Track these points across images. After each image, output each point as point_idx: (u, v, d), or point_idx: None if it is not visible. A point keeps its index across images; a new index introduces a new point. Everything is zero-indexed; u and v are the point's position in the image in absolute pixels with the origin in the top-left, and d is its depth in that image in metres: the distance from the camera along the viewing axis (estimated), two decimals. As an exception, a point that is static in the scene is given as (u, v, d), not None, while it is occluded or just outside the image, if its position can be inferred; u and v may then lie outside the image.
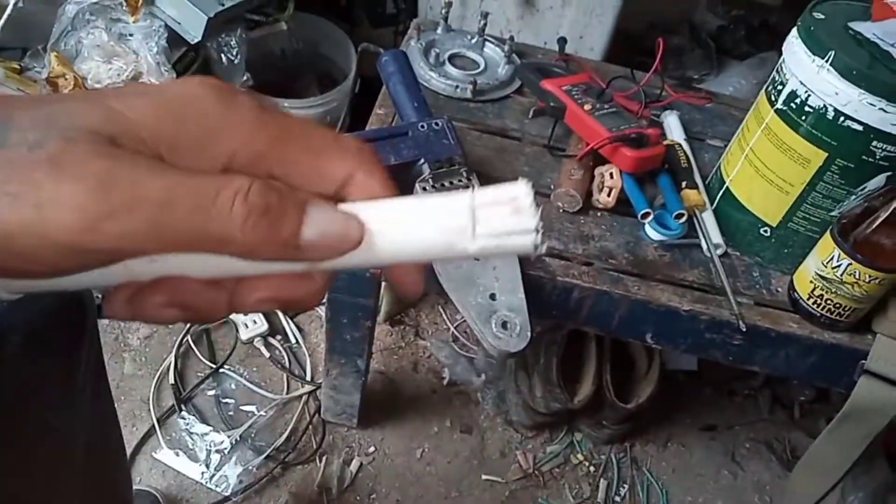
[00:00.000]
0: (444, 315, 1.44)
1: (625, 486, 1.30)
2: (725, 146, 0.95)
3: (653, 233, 0.88)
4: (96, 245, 0.21)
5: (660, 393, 1.23)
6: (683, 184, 0.90)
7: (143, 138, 0.23)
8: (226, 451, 1.17)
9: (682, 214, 0.84)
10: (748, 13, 1.94)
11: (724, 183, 0.89)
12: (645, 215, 0.84)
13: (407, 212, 0.25)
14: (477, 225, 0.24)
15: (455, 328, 1.42)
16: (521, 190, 0.25)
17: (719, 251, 0.86)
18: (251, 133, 0.24)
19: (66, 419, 0.59)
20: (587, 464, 1.31)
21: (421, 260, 0.26)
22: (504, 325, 0.75)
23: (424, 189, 0.81)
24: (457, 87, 1.06)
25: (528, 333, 0.75)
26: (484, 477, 1.25)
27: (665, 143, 0.92)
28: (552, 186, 0.93)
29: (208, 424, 1.20)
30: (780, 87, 0.79)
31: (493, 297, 0.77)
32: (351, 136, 0.27)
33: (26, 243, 0.21)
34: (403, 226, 0.25)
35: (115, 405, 0.67)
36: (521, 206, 0.24)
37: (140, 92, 0.24)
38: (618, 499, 1.28)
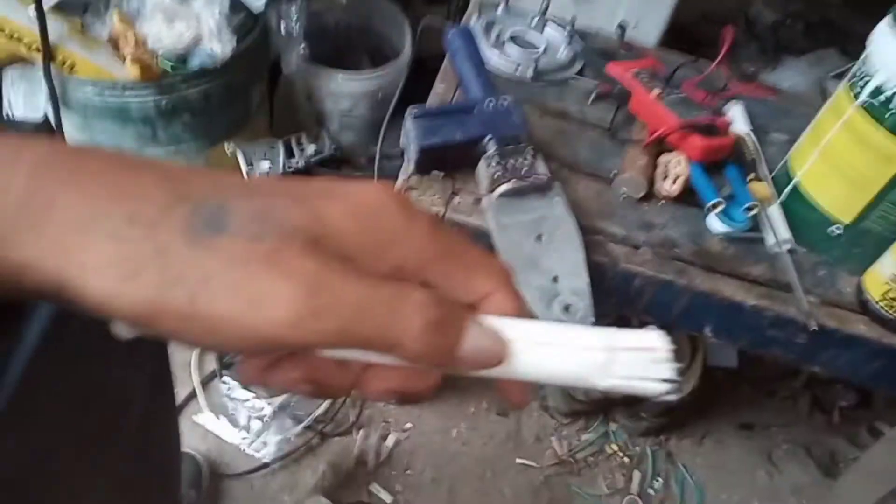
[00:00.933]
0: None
1: (659, 479, 1.29)
2: (789, 140, 0.92)
3: (717, 225, 0.86)
4: (292, 340, 0.22)
5: (699, 388, 1.22)
6: (750, 176, 0.88)
7: (339, 242, 0.24)
8: (266, 419, 1.18)
9: (753, 207, 0.82)
10: (806, 8, 1.89)
11: (793, 178, 0.87)
12: (715, 205, 0.83)
13: (548, 339, 0.27)
14: (614, 365, 0.26)
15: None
16: (661, 342, 0.26)
17: (787, 247, 0.84)
18: (424, 245, 0.26)
19: (127, 388, 0.60)
20: (621, 454, 1.30)
21: (548, 382, 0.28)
22: (566, 308, 0.74)
23: (489, 165, 0.80)
24: (517, 67, 1.04)
25: (591, 318, 0.74)
26: (518, 460, 1.25)
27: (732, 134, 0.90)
28: (613, 173, 0.91)
29: (249, 391, 1.21)
30: (863, 82, 0.76)
31: (555, 279, 0.76)
32: (496, 257, 0.29)
33: (232, 332, 0.22)
34: (544, 352, 0.26)
35: None
36: (660, 357, 0.26)
37: (331, 194, 0.25)
38: (651, 491, 1.27)
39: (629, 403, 1.28)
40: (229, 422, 1.17)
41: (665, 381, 0.26)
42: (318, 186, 0.26)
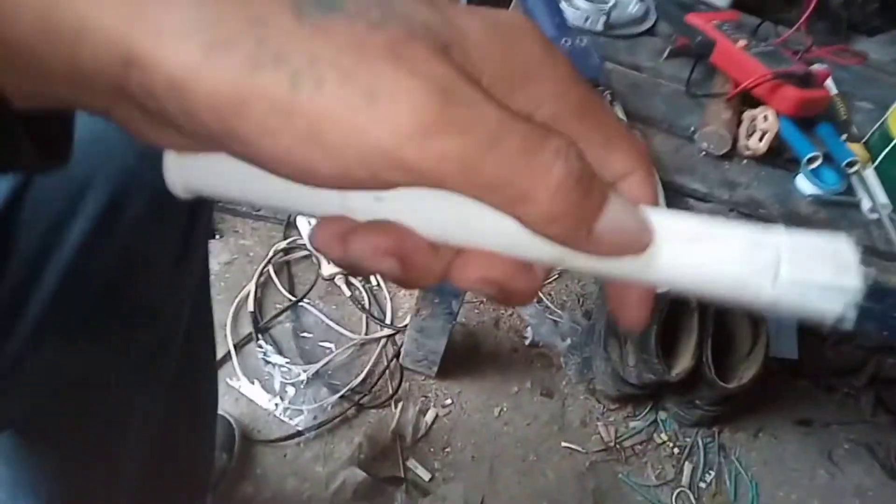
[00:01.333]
0: (528, 275, 1.37)
1: (711, 472, 1.21)
2: (876, 109, 0.85)
3: (807, 186, 0.79)
4: (412, 158, 0.18)
5: (757, 379, 1.14)
6: (843, 137, 0.81)
7: (472, 56, 0.19)
8: (301, 386, 1.13)
9: (854, 163, 0.75)
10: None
11: (892, 140, 0.80)
12: (811, 160, 0.75)
13: (706, 232, 0.21)
14: (786, 266, 0.20)
15: (540, 290, 1.35)
16: (846, 244, 0.21)
17: (886, 211, 0.76)
18: (565, 90, 0.21)
19: (171, 305, 0.55)
20: (671, 445, 1.23)
21: (695, 292, 0.22)
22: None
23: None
24: (587, 18, 0.97)
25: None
26: (563, 444, 1.18)
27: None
28: (692, 129, 0.84)
29: (284, 356, 1.16)
30: None
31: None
32: (635, 134, 0.23)
33: (337, 137, 0.17)
34: (698, 246, 0.21)
35: None
36: (844, 262, 0.20)
37: (468, 10, 0.20)
38: (703, 485, 1.20)
39: (682, 391, 1.20)
40: (263, 387, 1.12)
41: (848, 292, 0.20)
42: (449, 1, 0.20)
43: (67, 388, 0.50)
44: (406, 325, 1.15)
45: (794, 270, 0.20)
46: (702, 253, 0.21)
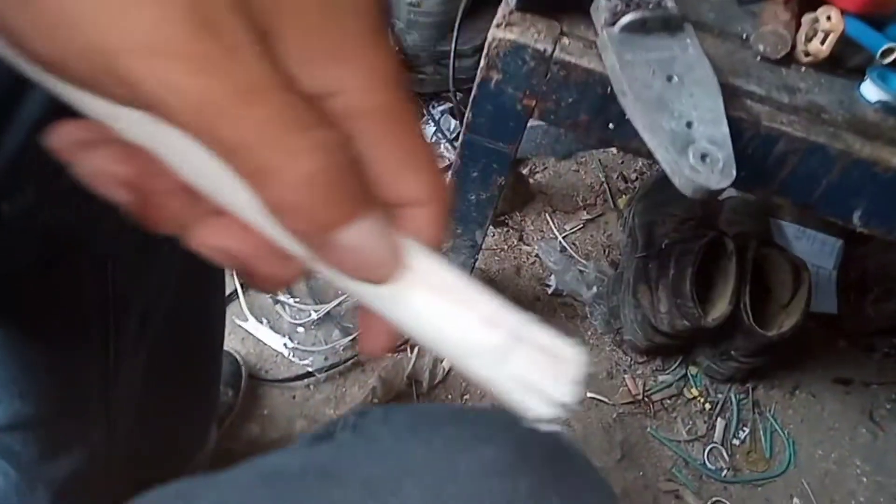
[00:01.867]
0: (551, 223, 1.30)
1: (745, 429, 1.14)
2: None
3: (874, 92, 0.71)
4: (132, 75, 0.15)
5: (796, 332, 1.07)
6: (914, 42, 0.73)
7: (272, 11, 0.17)
8: (311, 326, 1.07)
9: (934, 58, 0.68)
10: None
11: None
12: (886, 52, 0.68)
13: (451, 291, 0.21)
14: (510, 356, 0.21)
15: (563, 238, 1.28)
16: (576, 356, 0.21)
17: (965, 116, 0.69)
18: (375, 88, 0.19)
19: None
20: (702, 400, 1.16)
21: (425, 343, 0.22)
22: (703, 157, 0.61)
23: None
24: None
25: (733, 172, 0.61)
26: (590, 394, 1.11)
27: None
28: (744, 35, 0.77)
29: (294, 295, 1.10)
30: None
31: (689, 125, 0.63)
32: (442, 170, 0.19)
33: (56, 17, 0.15)
34: (439, 302, 0.21)
35: None
36: (565, 371, 0.21)
37: None
38: (736, 442, 1.13)
39: (716, 341, 1.13)
40: (271, 327, 1.06)
41: (556, 405, 0.20)
42: None
43: (59, 253, 0.43)
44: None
45: (515, 365, 0.21)
46: (440, 311, 0.21)
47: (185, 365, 0.65)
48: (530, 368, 0.21)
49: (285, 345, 1.04)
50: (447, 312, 0.21)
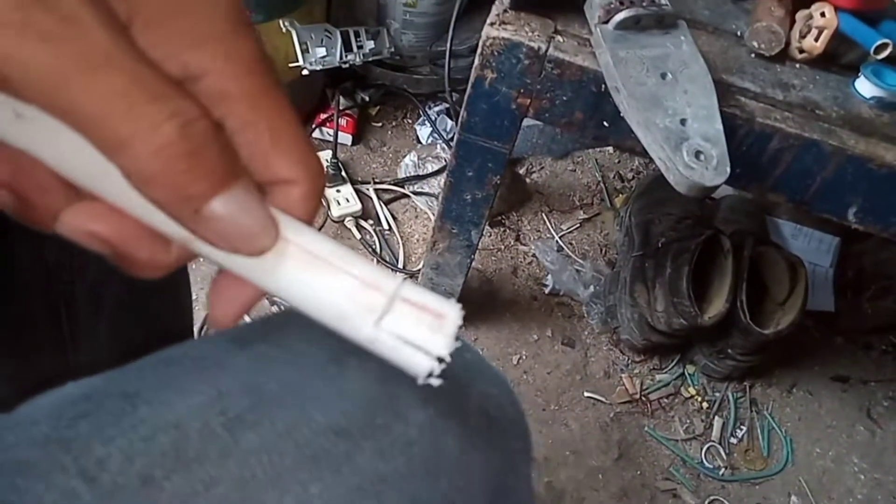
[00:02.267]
0: (548, 223, 1.30)
1: (742, 427, 1.14)
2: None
3: (868, 88, 0.72)
4: None
5: (793, 329, 1.07)
6: (908, 39, 0.74)
7: (133, 4, 0.18)
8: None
9: (927, 53, 0.68)
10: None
11: (962, 40, 0.72)
12: (880, 48, 0.68)
13: (326, 256, 0.22)
14: (388, 316, 0.21)
15: (560, 238, 1.28)
16: (452, 311, 0.22)
17: (959, 112, 0.69)
18: (240, 71, 0.20)
19: None
20: (699, 399, 1.16)
21: (303, 311, 0.22)
22: (697, 154, 0.61)
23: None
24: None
25: (728, 169, 0.61)
26: (587, 394, 1.11)
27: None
28: (738, 33, 0.77)
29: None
30: None
31: (683, 122, 0.62)
32: (316, 151, 0.22)
33: None
34: (315, 267, 0.22)
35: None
36: (442, 326, 0.21)
37: None
38: (734, 440, 1.13)
39: (713, 339, 1.13)
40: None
41: (433, 356, 0.21)
42: None
43: None
44: (419, 270, 1.08)
45: (394, 322, 0.21)
46: (320, 276, 0.21)
47: (152, 348, 0.64)
48: (408, 326, 0.21)
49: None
50: (325, 278, 0.21)
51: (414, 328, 0.21)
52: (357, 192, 1.23)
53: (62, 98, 0.16)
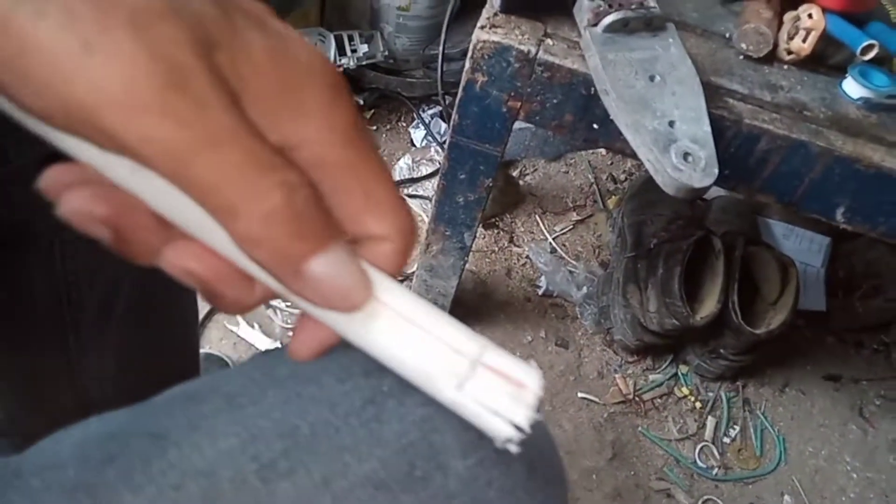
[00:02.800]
0: (541, 225, 1.31)
1: (735, 427, 1.15)
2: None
3: (855, 89, 0.72)
4: (109, 127, 0.17)
5: (785, 329, 1.07)
6: None
7: (239, 68, 0.19)
8: (302, 330, 1.07)
9: (912, 55, 0.69)
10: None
11: (947, 42, 0.73)
12: (867, 49, 0.69)
13: (416, 318, 0.23)
14: (471, 381, 0.22)
15: (553, 239, 1.29)
16: (534, 380, 0.23)
17: (945, 112, 0.70)
18: (335, 140, 0.21)
19: None
20: (692, 399, 1.16)
21: (390, 366, 0.23)
22: (685, 156, 0.61)
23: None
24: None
25: (716, 170, 0.61)
26: (580, 394, 1.11)
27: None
28: (726, 35, 0.78)
29: (285, 300, 1.10)
30: None
31: (671, 124, 0.63)
32: (409, 208, 0.23)
33: (41, 73, 0.17)
34: (405, 328, 0.23)
35: None
36: (523, 396, 0.22)
37: (263, 28, 0.20)
38: (727, 440, 1.13)
39: (705, 339, 1.14)
40: (263, 331, 1.06)
41: (514, 425, 0.22)
42: (257, 6, 0.21)
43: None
44: (413, 272, 1.09)
45: (476, 389, 0.22)
46: (407, 338, 0.22)
47: (157, 360, 0.65)
48: (489, 393, 0.22)
49: (277, 349, 1.04)
50: (412, 340, 0.22)
51: (495, 396, 0.22)
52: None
53: (186, 171, 0.18)
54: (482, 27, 0.70)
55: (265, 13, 0.21)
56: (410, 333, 0.22)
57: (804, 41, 0.74)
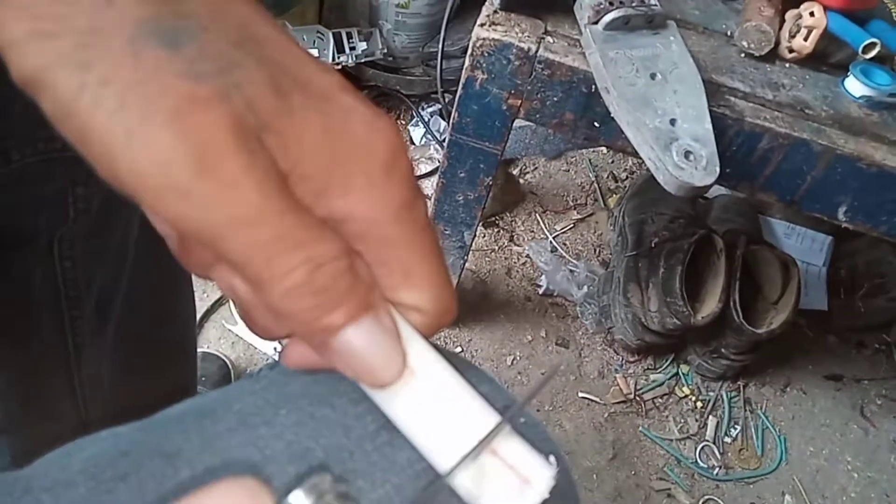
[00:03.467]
0: (541, 223, 1.30)
1: (736, 427, 1.14)
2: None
3: (857, 87, 0.72)
4: (151, 206, 0.19)
5: (786, 328, 1.07)
6: (896, 38, 0.74)
7: (289, 150, 0.20)
8: (302, 329, 1.06)
9: (915, 52, 0.68)
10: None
11: (950, 39, 0.72)
12: (869, 47, 0.68)
13: (441, 396, 0.23)
14: (484, 470, 0.22)
15: (554, 238, 1.28)
16: (545, 473, 0.22)
17: (948, 110, 0.69)
18: (380, 221, 0.22)
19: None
20: (693, 398, 1.16)
21: (409, 438, 0.24)
22: (686, 154, 0.61)
23: None
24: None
25: (717, 169, 0.61)
26: (581, 394, 1.11)
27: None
28: (728, 32, 0.77)
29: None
30: None
31: (672, 122, 0.63)
32: (450, 286, 0.24)
33: (98, 153, 0.19)
34: (428, 403, 0.23)
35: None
36: (532, 490, 0.22)
37: (322, 101, 0.21)
38: (728, 440, 1.13)
39: (706, 339, 1.13)
40: (262, 331, 1.06)
41: None
42: (326, 81, 0.21)
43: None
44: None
45: (481, 473, 0.22)
46: (428, 414, 0.22)
47: (155, 359, 0.64)
48: (495, 481, 0.22)
49: (275, 348, 1.04)
50: (433, 416, 0.22)
51: (500, 486, 0.22)
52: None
53: (220, 247, 0.20)
54: (482, 25, 0.70)
55: (335, 87, 0.21)
56: (431, 409, 0.23)
57: (806, 39, 0.73)
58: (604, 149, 1.42)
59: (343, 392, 0.28)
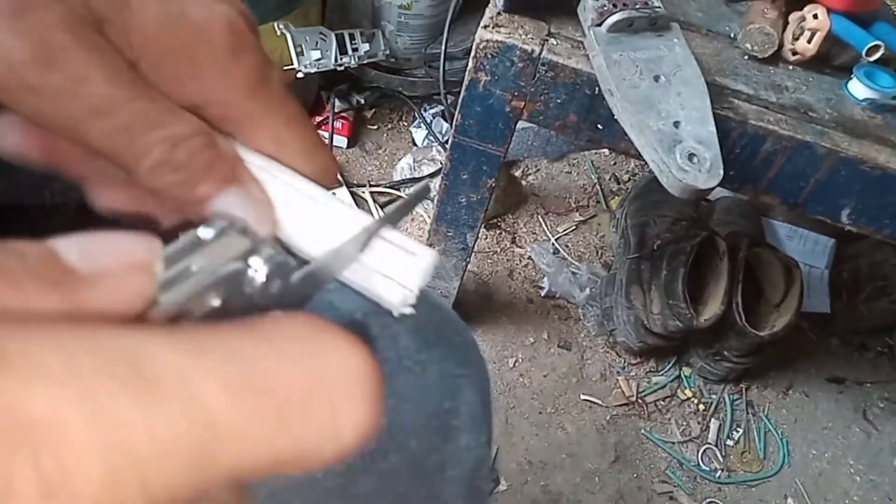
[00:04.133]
0: (544, 225, 1.30)
1: (738, 429, 1.14)
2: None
3: (861, 90, 0.72)
4: (10, 104, 0.20)
5: (785, 337, 1.07)
6: (900, 40, 0.74)
7: (130, 40, 0.21)
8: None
9: (919, 55, 0.68)
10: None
11: (954, 42, 0.72)
12: (872, 49, 0.68)
13: (316, 195, 0.23)
14: (368, 249, 0.22)
15: (556, 240, 1.28)
16: (428, 252, 0.22)
17: (952, 113, 0.69)
18: (235, 100, 0.23)
19: None
20: (695, 401, 1.16)
21: (287, 234, 0.23)
22: (691, 157, 0.61)
23: (596, -1, 0.67)
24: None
25: (721, 171, 0.61)
26: (583, 396, 1.11)
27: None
28: (731, 35, 0.77)
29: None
30: None
31: (676, 125, 0.63)
32: (323, 144, 0.25)
33: None
34: (304, 201, 0.23)
35: None
36: (417, 263, 0.22)
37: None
38: (730, 442, 1.13)
39: (709, 341, 1.13)
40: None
41: (409, 289, 0.22)
42: None
43: None
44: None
45: (371, 256, 0.22)
46: (308, 208, 0.23)
47: None
48: (385, 260, 0.22)
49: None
50: (311, 210, 0.23)
51: (390, 264, 0.22)
52: (352, 195, 1.23)
53: (84, 138, 0.20)
54: (485, 26, 0.70)
55: None
56: (309, 205, 0.23)
57: (809, 42, 0.73)
58: (606, 151, 1.42)
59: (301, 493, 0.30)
